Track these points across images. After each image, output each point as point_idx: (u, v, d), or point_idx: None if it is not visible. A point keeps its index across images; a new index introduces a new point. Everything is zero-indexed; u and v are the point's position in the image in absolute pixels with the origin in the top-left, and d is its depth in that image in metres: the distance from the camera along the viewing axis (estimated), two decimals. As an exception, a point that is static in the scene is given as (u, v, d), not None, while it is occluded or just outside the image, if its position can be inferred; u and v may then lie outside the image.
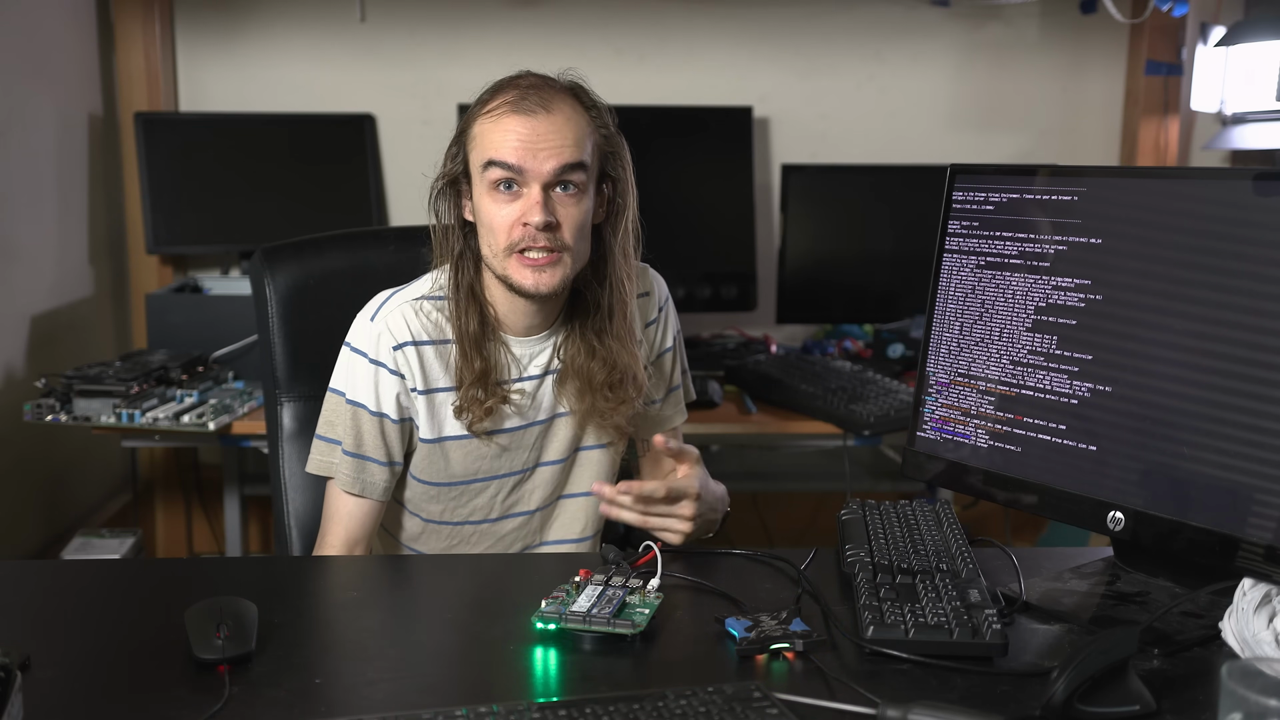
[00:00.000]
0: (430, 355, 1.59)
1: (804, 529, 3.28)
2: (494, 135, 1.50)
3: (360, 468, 1.59)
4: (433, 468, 1.63)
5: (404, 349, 1.58)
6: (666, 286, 1.74)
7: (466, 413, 1.57)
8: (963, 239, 1.44)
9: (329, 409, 1.62)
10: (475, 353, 1.57)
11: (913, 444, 1.49)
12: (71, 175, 2.90)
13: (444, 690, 1.16)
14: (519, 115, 1.49)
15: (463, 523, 1.66)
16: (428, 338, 1.59)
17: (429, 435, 1.60)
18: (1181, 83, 3.08)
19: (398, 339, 1.58)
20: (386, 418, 1.59)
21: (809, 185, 2.95)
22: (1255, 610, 1.17)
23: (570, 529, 1.70)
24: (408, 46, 3.11)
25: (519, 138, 1.49)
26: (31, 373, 2.60)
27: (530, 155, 1.49)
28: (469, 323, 1.57)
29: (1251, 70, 2.86)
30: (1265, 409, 1.17)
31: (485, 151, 1.51)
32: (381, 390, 1.58)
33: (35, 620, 1.32)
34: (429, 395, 1.59)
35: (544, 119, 1.49)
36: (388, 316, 1.59)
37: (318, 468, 1.63)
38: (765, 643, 1.20)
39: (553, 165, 1.49)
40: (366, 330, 1.59)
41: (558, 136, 1.50)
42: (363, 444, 1.59)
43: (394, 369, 1.58)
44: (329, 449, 1.62)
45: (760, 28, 3.15)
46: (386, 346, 1.58)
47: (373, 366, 1.58)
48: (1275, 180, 1.19)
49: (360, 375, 1.59)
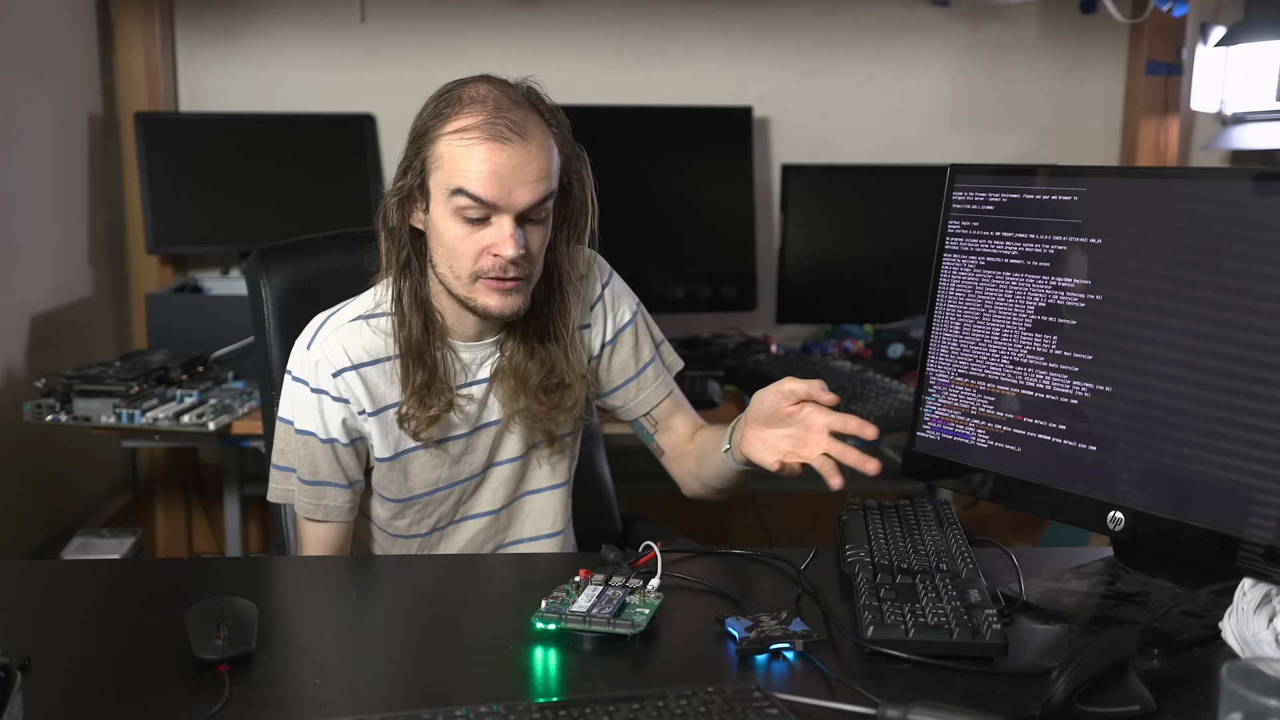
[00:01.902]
0: (373, 375, 1.56)
1: (804, 529, 3.28)
2: (465, 163, 1.44)
3: (320, 494, 1.58)
4: (394, 485, 1.61)
5: (343, 375, 1.55)
6: (608, 265, 1.70)
7: (410, 420, 1.55)
8: (963, 239, 1.44)
9: (279, 437, 1.61)
10: (418, 364, 1.54)
11: (913, 444, 1.49)
12: (71, 175, 2.90)
13: (444, 690, 1.16)
14: (493, 144, 1.44)
15: (429, 533, 1.66)
16: (368, 358, 1.56)
17: (385, 454, 1.58)
18: (1181, 83, 3.08)
19: (335, 365, 1.55)
20: (337, 442, 1.57)
21: (809, 185, 2.95)
22: (1255, 610, 1.17)
23: (540, 524, 1.68)
24: (408, 46, 3.11)
25: (494, 170, 1.44)
26: (31, 373, 2.60)
27: (505, 191, 1.44)
28: (413, 332, 1.54)
29: (1251, 70, 2.86)
30: (1265, 409, 1.17)
31: (454, 178, 1.45)
32: (327, 417, 1.56)
33: (35, 620, 1.33)
34: (380, 415, 1.57)
35: (519, 149, 1.44)
36: (324, 343, 1.56)
37: (277, 496, 1.62)
38: (765, 643, 1.20)
39: (528, 200, 1.46)
40: (304, 359, 1.57)
41: (534, 169, 1.45)
42: (318, 470, 1.58)
43: (336, 395, 1.55)
44: (284, 477, 1.61)
45: (760, 28, 3.15)
46: (326, 374, 1.55)
47: (315, 395, 1.56)
48: (1275, 180, 1.19)
49: (303, 404, 1.57)
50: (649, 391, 1.72)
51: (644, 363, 1.71)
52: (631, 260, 1.72)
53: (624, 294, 1.71)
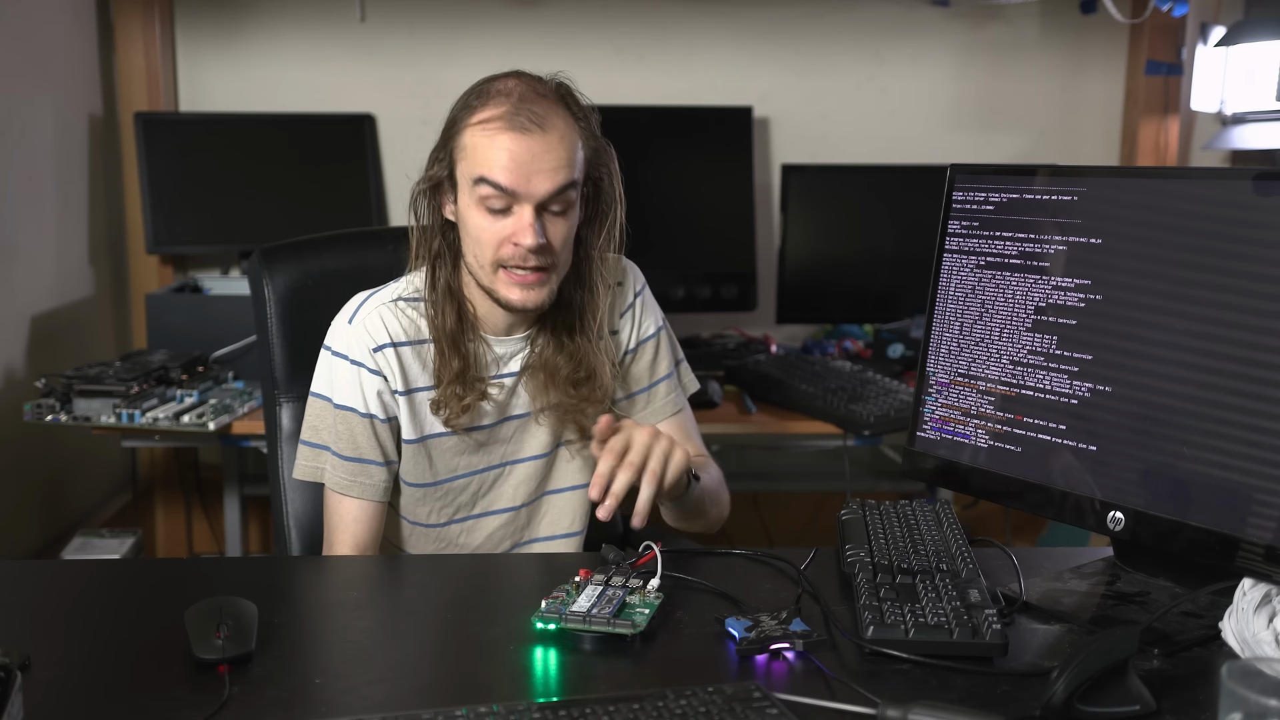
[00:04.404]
0: (409, 355, 1.59)
1: (804, 529, 3.28)
2: (487, 152, 1.48)
3: (359, 470, 1.59)
4: (417, 469, 1.63)
5: (383, 350, 1.58)
6: (642, 276, 1.73)
7: (444, 408, 1.57)
8: (963, 239, 1.44)
9: (313, 414, 1.62)
10: (453, 351, 1.57)
11: (913, 444, 1.49)
12: (71, 175, 2.90)
13: (444, 690, 1.16)
14: (514, 133, 1.47)
15: (448, 523, 1.67)
16: (405, 338, 1.59)
17: (412, 436, 1.61)
18: (1181, 83, 3.08)
19: (376, 341, 1.58)
20: (375, 418, 1.59)
21: (809, 185, 2.95)
22: (1255, 610, 1.17)
23: (558, 524, 1.70)
24: (408, 46, 3.11)
25: (513, 158, 1.47)
26: (31, 373, 2.60)
27: (524, 179, 1.47)
28: (447, 321, 1.57)
29: (1251, 70, 2.86)
30: (1265, 409, 1.17)
31: (477, 166, 1.49)
32: (366, 391, 1.58)
33: (35, 620, 1.32)
34: (409, 395, 1.60)
35: (539, 139, 1.47)
36: (365, 319, 1.59)
37: (305, 473, 1.63)
38: (765, 643, 1.20)
39: (547, 188, 1.48)
40: (345, 333, 1.59)
41: (552, 158, 1.48)
42: (359, 447, 1.59)
43: (374, 369, 1.58)
44: (316, 454, 1.62)
45: (760, 28, 3.15)
46: (365, 348, 1.58)
47: (354, 368, 1.58)
48: (1275, 180, 1.19)
49: (343, 378, 1.59)
50: (657, 406, 1.73)
51: (658, 378, 1.73)
52: (631, 260, 1.73)
53: (653, 307, 1.73)
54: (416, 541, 1.68)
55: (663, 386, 1.73)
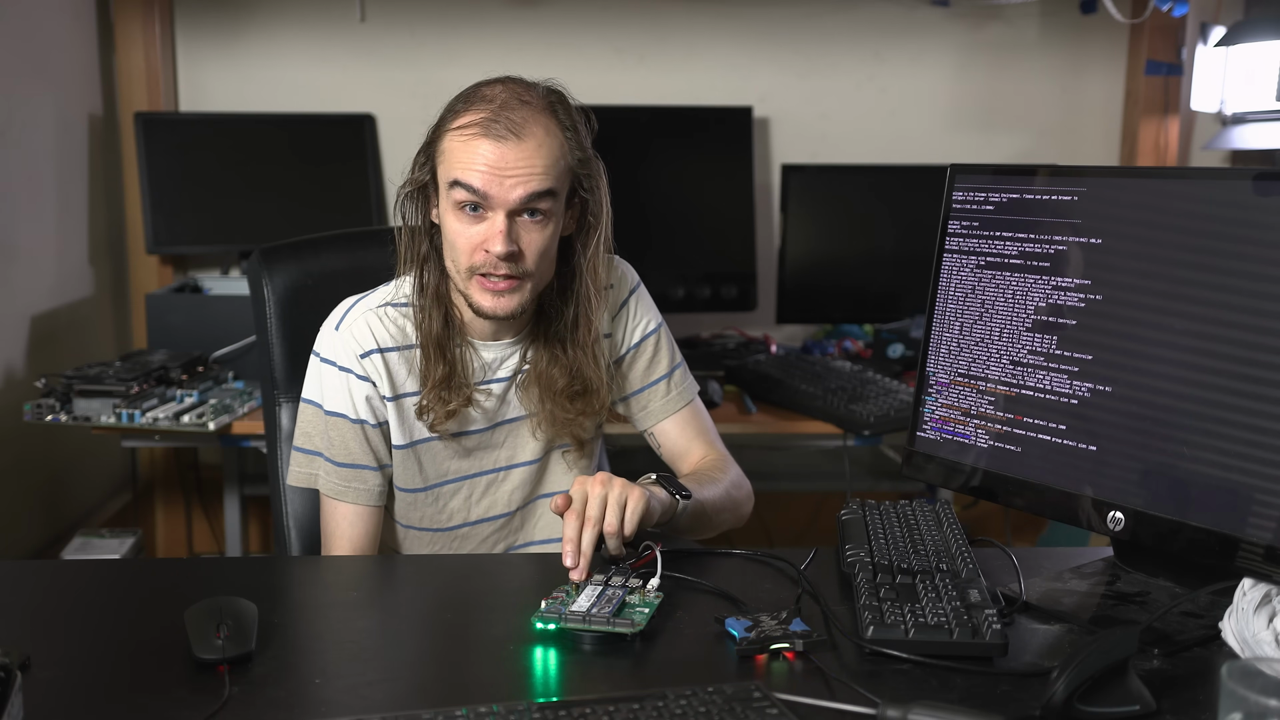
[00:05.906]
0: (396, 361, 1.59)
1: (804, 529, 3.28)
2: (462, 155, 1.48)
3: (353, 476, 1.59)
4: (407, 474, 1.63)
5: (370, 356, 1.58)
6: (636, 275, 1.72)
7: (429, 413, 1.57)
8: (963, 239, 1.44)
9: (305, 420, 1.62)
10: (439, 356, 1.57)
11: (913, 444, 1.49)
12: (71, 175, 2.90)
13: (444, 690, 1.16)
14: (489, 140, 1.47)
15: (442, 529, 1.66)
16: (393, 344, 1.59)
17: (401, 441, 1.61)
18: (1181, 83, 3.08)
19: (364, 346, 1.58)
20: (366, 423, 1.59)
21: (809, 185, 2.95)
22: (1255, 610, 1.17)
23: (553, 528, 1.69)
24: (408, 46, 3.11)
25: (486, 163, 1.46)
26: (31, 373, 2.60)
27: (496, 183, 1.47)
28: (433, 326, 1.56)
29: (1251, 70, 2.86)
30: (1265, 409, 1.17)
31: (452, 170, 1.49)
32: (355, 397, 1.58)
33: (35, 620, 1.32)
34: (398, 401, 1.60)
35: (513, 146, 1.46)
36: (353, 325, 1.59)
37: (299, 480, 1.63)
38: (765, 643, 1.20)
39: (519, 194, 1.47)
40: (333, 339, 1.59)
41: (526, 164, 1.47)
42: (351, 452, 1.59)
43: (362, 375, 1.58)
44: (309, 460, 1.62)
45: (760, 28, 3.15)
46: (353, 354, 1.58)
47: (343, 374, 1.58)
48: (1275, 180, 1.19)
49: (332, 385, 1.59)
50: (655, 407, 1.73)
51: (655, 378, 1.72)
52: (631, 260, 1.73)
53: (649, 307, 1.73)
54: (412, 545, 1.68)
55: (659, 387, 1.72)
